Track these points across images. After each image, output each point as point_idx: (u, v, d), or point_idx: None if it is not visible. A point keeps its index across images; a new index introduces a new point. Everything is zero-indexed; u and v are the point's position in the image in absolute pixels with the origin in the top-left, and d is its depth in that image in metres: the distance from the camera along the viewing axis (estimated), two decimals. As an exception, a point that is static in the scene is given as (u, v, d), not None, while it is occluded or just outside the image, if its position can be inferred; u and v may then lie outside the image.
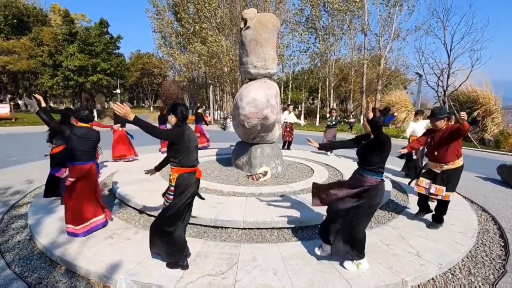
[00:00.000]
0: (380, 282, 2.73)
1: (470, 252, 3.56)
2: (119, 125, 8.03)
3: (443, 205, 4.04)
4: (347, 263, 2.97)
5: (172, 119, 2.80)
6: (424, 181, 4.12)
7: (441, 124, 3.95)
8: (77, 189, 3.54)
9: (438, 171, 3.99)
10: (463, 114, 3.46)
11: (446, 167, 3.93)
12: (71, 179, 3.53)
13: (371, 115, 2.82)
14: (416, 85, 19.56)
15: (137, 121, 2.48)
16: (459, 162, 3.95)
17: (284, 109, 10.67)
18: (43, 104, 3.79)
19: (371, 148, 2.89)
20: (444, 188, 3.93)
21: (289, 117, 10.24)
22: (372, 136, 2.88)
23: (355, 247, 2.88)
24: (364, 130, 3.10)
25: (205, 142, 10.30)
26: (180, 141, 2.72)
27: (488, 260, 3.40)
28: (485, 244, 3.79)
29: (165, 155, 3.05)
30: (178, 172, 2.78)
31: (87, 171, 3.58)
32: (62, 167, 4.42)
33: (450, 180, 3.94)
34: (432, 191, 4.01)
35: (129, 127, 8.34)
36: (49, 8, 37.75)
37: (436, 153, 3.98)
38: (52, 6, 37.82)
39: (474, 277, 3.04)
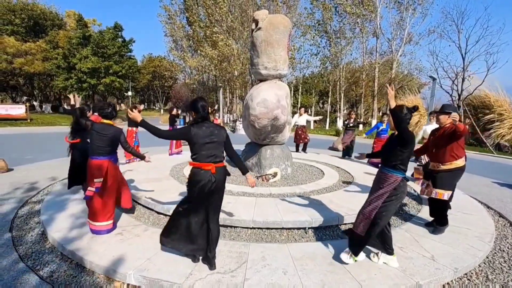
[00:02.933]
0: (393, 285, 2.65)
1: (487, 257, 3.44)
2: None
3: (439, 205, 3.92)
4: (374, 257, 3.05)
5: (194, 114, 2.85)
6: (421, 179, 4.20)
7: (444, 119, 3.87)
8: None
9: (435, 171, 3.94)
10: (454, 115, 3.50)
11: (442, 167, 3.87)
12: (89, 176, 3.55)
13: (393, 103, 2.64)
14: (429, 89, 19.23)
15: (143, 124, 2.73)
16: (457, 163, 3.84)
17: (294, 113, 10.57)
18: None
19: (393, 143, 2.80)
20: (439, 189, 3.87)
21: (300, 120, 10.14)
22: (395, 131, 2.79)
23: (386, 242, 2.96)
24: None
25: None
26: (188, 139, 2.76)
27: (507, 266, 3.27)
28: (503, 250, 3.65)
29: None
30: (192, 165, 2.82)
31: (102, 167, 3.55)
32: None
33: (443, 179, 3.85)
34: (433, 195, 3.89)
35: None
36: (64, 13, 38.84)
37: (434, 151, 3.95)
38: (66, 12, 38.91)
39: (492, 283, 2.93)
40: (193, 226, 2.86)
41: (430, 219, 4.29)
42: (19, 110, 21.48)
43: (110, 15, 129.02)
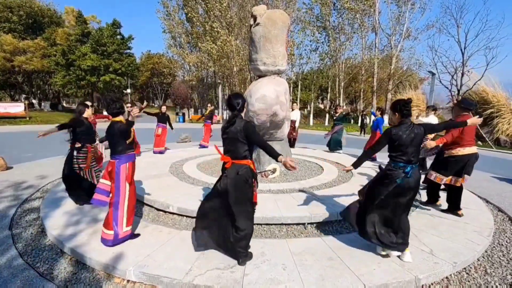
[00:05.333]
0: (392, 279, 2.65)
1: (486, 251, 3.45)
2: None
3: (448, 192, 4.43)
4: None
5: None
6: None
7: (456, 111, 4.33)
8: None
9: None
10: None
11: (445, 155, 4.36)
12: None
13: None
14: (428, 84, 19.21)
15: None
16: (451, 152, 4.25)
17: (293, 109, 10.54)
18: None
19: None
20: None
21: (292, 114, 10.08)
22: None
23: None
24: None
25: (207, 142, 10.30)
26: None
27: (505, 260, 3.28)
28: (502, 244, 3.66)
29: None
30: None
31: (112, 169, 3.21)
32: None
33: (442, 165, 4.38)
34: (432, 178, 4.47)
35: (136, 126, 8.40)
36: (63, 11, 38.56)
37: None
38: (66, 8, 38.62)
39: (490, 277, 2.94)
40: (212, 218, 3.01)
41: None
42: (18, 108, 21.47)
43: (108, 12, 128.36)
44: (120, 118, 3.27)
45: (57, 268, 2.91)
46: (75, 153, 4.28)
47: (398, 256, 3.03)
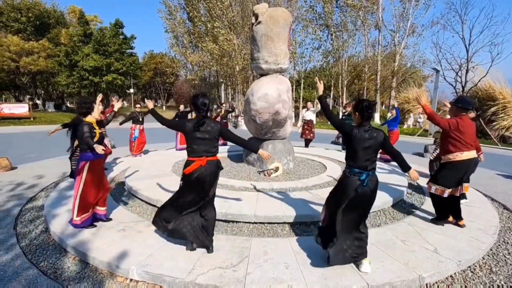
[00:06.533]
0: (395, 278, 2.63)
1: (491, 250, 3.41)
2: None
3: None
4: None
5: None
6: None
7: (453, 111, 3.86)
8: None
9: None
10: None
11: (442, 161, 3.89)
12: None
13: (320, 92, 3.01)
14: (432, 82, 19.05)
15: (153, 112, 3.22)
16: (446, 158, 3.76)
17: (296, 107, 10.62)
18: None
19: None
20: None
21: (306, 114, 10.15)
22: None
23: None
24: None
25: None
26: (183, 131, 2.97)
27: (511, 258, 3.24)
28: (507, 242, 3.62)
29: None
30: (188, 158, 2.99)
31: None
32: None
33: (442, 174, 3.81)
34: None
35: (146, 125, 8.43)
36: (66, 10, 38.65)
37: None
38: (70, 8, 38.71)
39: (495, 276, 2.90)
40: (186, 216, 3.02)
41: (431, 211, 4.32)
42: (22, 109, 21.59)
43: (111, 11, 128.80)
44: (89, 118, 3.52)
45: (60, 267, 2.93)
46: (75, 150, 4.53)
47: (357, 266, 2.78)
